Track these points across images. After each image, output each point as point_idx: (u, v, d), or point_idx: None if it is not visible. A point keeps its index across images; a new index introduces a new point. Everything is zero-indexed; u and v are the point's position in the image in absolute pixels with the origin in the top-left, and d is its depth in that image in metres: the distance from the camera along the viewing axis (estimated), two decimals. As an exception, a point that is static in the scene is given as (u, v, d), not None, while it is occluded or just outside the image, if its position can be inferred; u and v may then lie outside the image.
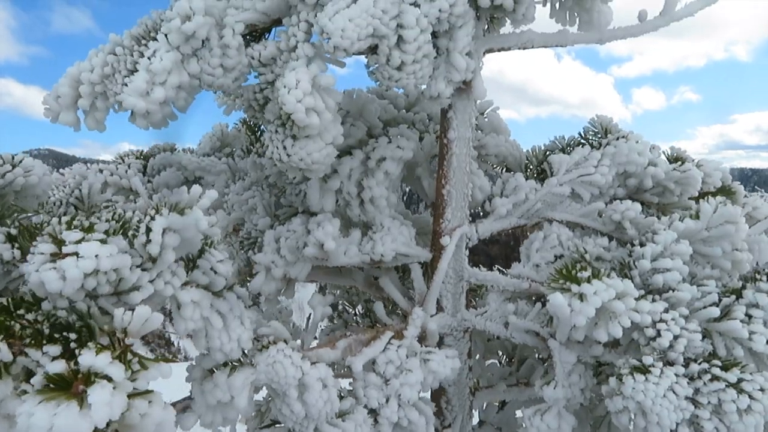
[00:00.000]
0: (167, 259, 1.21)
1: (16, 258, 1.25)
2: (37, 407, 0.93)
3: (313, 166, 1.65)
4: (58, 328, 1.10)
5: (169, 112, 1.67)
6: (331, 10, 1.51)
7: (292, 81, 1.54)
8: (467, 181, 1.89)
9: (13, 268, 1.27)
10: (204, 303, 1.33)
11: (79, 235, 1.08)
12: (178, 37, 1.56)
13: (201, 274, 1.36)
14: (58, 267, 1.05)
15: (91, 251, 1.06)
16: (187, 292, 1.29)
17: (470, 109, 1.84)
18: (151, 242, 1.17)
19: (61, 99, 1.64)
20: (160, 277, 1.23)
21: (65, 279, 1.05)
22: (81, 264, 1.05)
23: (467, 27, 1.69)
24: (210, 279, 1.37)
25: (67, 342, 1.08)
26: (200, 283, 1.36)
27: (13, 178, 1.48)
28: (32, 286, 1.07)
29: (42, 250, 1.06)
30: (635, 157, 1.99)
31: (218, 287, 1.38)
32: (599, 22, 1.89)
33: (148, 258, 1.20)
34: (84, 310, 1.11)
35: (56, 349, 1.06)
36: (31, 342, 1.07)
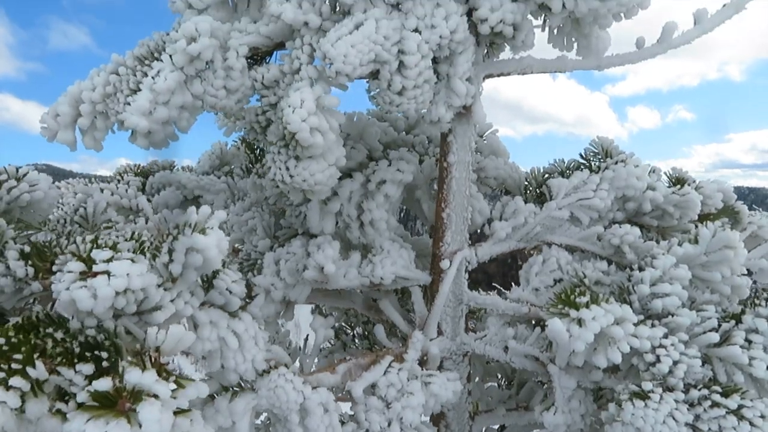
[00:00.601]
0: (189, 279, 1.21)
1: (29, 276, 1.25)
2: (86, 425, 0.93)
3: (316, 187, 1.66)
4: (87, 346, 1.10)
5: (171, 132, 1.68)
6: (334, 36, 1.53)
7: (297, 101, 1.55)
8: (467, 204, 1.90)
9: (25, 285, 1.27)
10: (221, 323, 1.33)
11: (109, 253, 1.09)
12: (183, 58, 1.57)
13: (217, 294, 1.36)
14: (89, 285, 1.05)
15: (123, 270, 1.07)
16: (206, 312, 1.30)
17: (470, 133, 1.85)
18: (173, 262, 1.18)
19: (60, 118, 1.64)
20: (180, 297, 1.24)
21: (96, 298, 1.05)
22: (113, 282, 1.06)
23: (467, 53, 1.71)
24: (226, 299, 1.37)
25: (99, 361, 1.07)
26: (216, 303, 1.36)
27: (18, 194, 1.48)
28: (61, 304, 1.07)
29: (71, 269, 1.06)
30: (634, 182, 2.01)
31: (233, 307, 1.39)
32: (597, 47, 1.91)
33: (169, 278, 1.20)
34: (111, 329, 1.12)
35: (89, 368, 1.05)
36: (62, 361, 1.06)
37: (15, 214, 1.47)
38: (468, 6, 1.73)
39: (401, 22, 1.62)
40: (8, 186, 1.45)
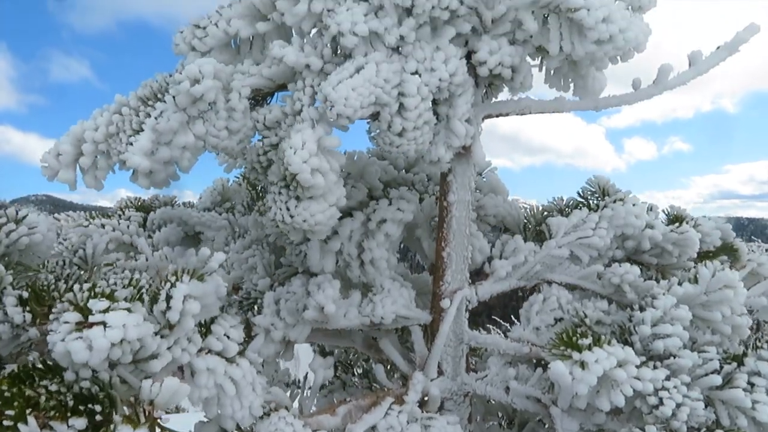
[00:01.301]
0: (186, 326, 1.21)
1: (27, 321, 1.25)
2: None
3: (317, 227, 1.66)
4: (81, 399, 1.09)
5: (173, 171, 1.69)
6: (335, 79, 1.56)
7: (298, 142, 1.56)
8: (467, 243, 1.91)
9: (22, 332, 1.27)
10: (218, 370, 1.32)
11: (106, 304, 1.08)
12: (186, 99, 1.59)
13: (215, 340, 1.35)
14: (84, 337, 1.04)
15: (119, 321, 1.07)
16: (203, 360, 1.28)
17: (469, 173, 1.87)
18: (171, 309, 1.17)
19: (62, 157, 1.66)
20: (177, 344, 1.23)
21: (92, 349, 1.04)
22: (109, 334, 1.05)
23: (466, 95, 1.74)
24: (224, 345, 1.36)
25: (92, 414, 1.06)
26: (214, 349, 1.35)
27: (17, 237, 1.48)
28: (57, 355, 1.06)
29: (67, 319, 1.06)
30: (632, 220, 2.02)
31: (231, 353, 1.37)
32: (594, 88, 1.94)
33: (166, 325, 1.20)
34: (106, 380, 1.11)
35: (82, 422, 1.04)
36: (55, 414, 1.05)
37: (14, 256, 1.47)
38: (467, 49, 1.77)
39: (401, 65, 1.65)
40: (7, 229, 1.45)
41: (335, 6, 1.65)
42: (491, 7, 1.70)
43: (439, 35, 1.70)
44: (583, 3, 1.58)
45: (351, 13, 1.62)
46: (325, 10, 1.64)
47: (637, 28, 1.59)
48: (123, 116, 1.64)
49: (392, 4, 1.61)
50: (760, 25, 1.84)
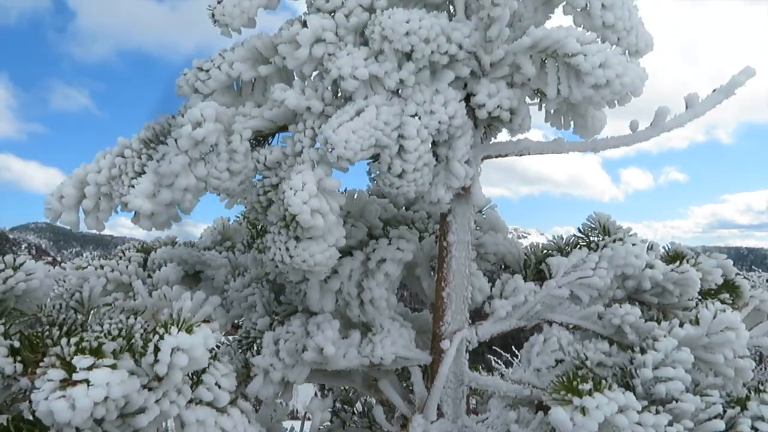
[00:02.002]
0: (174, 378, 1.20)
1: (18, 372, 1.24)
2: None
3: (316, 267, 1.66)
4: None
5: (174, 213, 1.70)
6: (336, 122, 1.58)
7: (299, 183, 1.57)
8: (467, 283, 1.91)
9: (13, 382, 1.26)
10: (209, 421, 1.30)
11: (90, 361, 1.08)
12: (188, 142, 1.61)
13: (205, 390, 1.34)
14: (68, 396, 1.04)
15: (102, 379, 1.06)
16: (192, 411, 1.27)
17: (469, 213, 1.88)
18: (159, 362, 1.17)
19: (65, 199, 1.67)
20: (165, 397, 1.22)
21: (75, 408, 1.03)
22: (92, 393, 1.04)
23: (466, 137, 1.76)
24: (214, 395, 1.35)
25: None
26: (204, 399, 1.33)
27: (14, 283, 1.48)
28: (40, 414, 1.05)
29: (51, 377, 1.05)
30: (632, 260, 2.01)
31: (222, 403, 1.36)
32: (593, 126, 1.96)
33: (154, 377, 1.19)
34: None
35: None
36: None
37: (10, 303, 1.47)
38: (466, 91, 1.79)
39: (401, 107, 1.67)
40: (4, 276, 1.46)
41: (336, 50, 1.68)
42: (490, 52, 1.73)
43: (439, 79, 1.73)
44: (580, 48, 1.60)
45: (351, 58, 1.64)
46: (326, 55, 1.67)
47: (633, 73, 1.61)
48: (125, 159, 1.65)
49: (392, 49, 1.63)
50: (756, 69, 1.86)
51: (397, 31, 1.60)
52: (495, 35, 1.68)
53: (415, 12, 1.65)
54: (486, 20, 1.67)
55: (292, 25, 1.72)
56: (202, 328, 1.23)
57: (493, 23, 1.67)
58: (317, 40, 1.67)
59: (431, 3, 1.80)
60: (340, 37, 1.69)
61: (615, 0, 1.73)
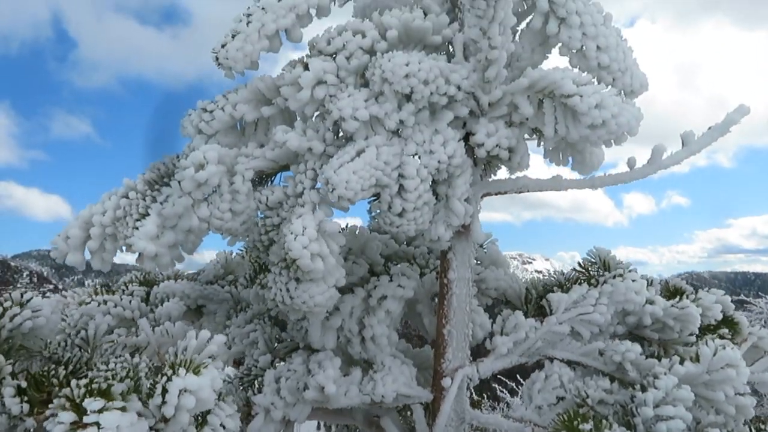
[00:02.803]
0: (181, 420, 1.21)
1: (24, 412, 1.24)
2: None
3: (315, 309, 1.68)
4: None
5: (177, 254, 1.72)
6: (336, 162, 1.60)
7: (299, 228, 1.59)
8: (468, 321, 1.91)
9: (19, 422, 1.26)
10: (213, 461, 1.31)
11: (100, 403, 1.09)
12: (191, 184, 1.63)
13: (210, 431, 1.35)
14: None
15: (113, 422, 1.07)
16: (197, 452, 1.28)
17: (469, 250, 1.89)
18: (166, 404, 1.18)
19: (71, 240, 1.69)
20: (172, 437, 1.22)
21: None
22: None
23: (465, 175, 1.78)
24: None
25: None
26: (210, 440, 1.34)
27: (21, 321, 1.50)
28: None
29: (62, 419, 1.06)
30: (633, 296, 2.02)
31: (227, 443, 1.36)
32: (591, 162, 1.98)
33: (161, 419, 1.20)
34: None
35: None
36: None
37: (17, 340, 1.48)
38: (465, 130, 1.82)
39: (401, 147, 1.70)
40: (11, 314, 1.47)
41: (337, 92, 1.71)
42: (488, 92, 1.77)
43: (438, 119, 1.76)
44: (576, 89, 1.64)
45: (352, 99, 1.68)
46: (327, 96, 1.71)
47: (629, 113, 1.64)
48: (130, 200, 1.68)
49: (392, 91, 1.67)
50: (750, 106, 1.89)
51: (396, 73, 1.64)
52: (493, 76, 1.72)
53: (415, 54, 1.69)
54: (484, 62, 1.70)
55: (294, 68, 1.76)
56: (209, 370, 1.24)
57: (491, 65, 1.70)
58: (319, 82, 1.70)
59: (431, 44, 1.84)
60: (341, 79, 1.73)
61: (610, 42, 1.76)
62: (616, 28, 1.81)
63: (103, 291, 2.49)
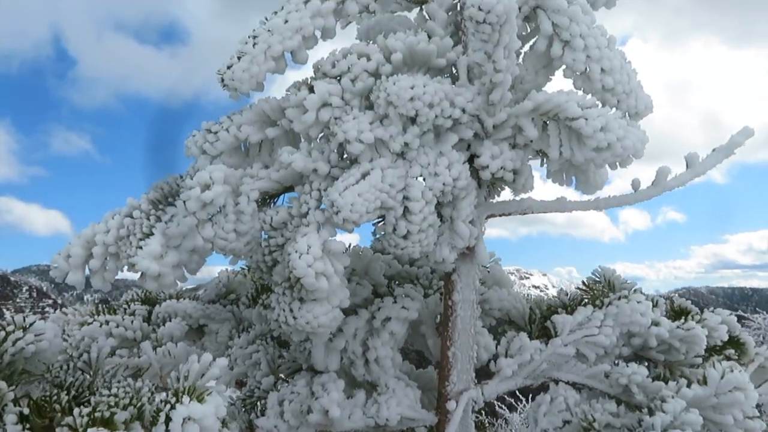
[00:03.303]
0: (185, 448, 1.19)
1: (27, 439, 1.23)
2: None
3: (319, 329, 1.67)
4: None
5: (181, 274, 1.72)
6: (341, 185, 1.60)
7: (304, 246, 1.59)
8: (472, 343, 1.90)
9: (21, 450, 1.25)
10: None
11: None
12: (196, 204, 1.63)
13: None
14: None
15: None
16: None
17: (474, 272, 1.89)
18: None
19: (72, 259, 1.69)
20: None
21: None
22: None
23: (470, 197, 1.78)
24: (224, 464, 1.34)
25: None
26: (212, 468, 1.32)
27: (24, 345, 1.49)
28: None
29: None
30: (638, 318, 2.01)
31: (230, 471, 1.35)
32: (595, 182, 1.98)
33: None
34: None
35: None
36: None
37: (19, 364, 1.47)
38: (470, 152, 1.82)
39: (406, 170, 1.70)
40: (14, 338, 1.46)
41: (342, 114, 1.71)
42: (492, 115, 1.77)
43: (443, 141, 1.76)
44: (581, 112, 1.64)
45: (357, 122, 1.68)
46: (332, 119, 1.71)
47: (634, 136, 1.64)
48: (134, 219, 1.67)
49: (397, 114, 1.67)
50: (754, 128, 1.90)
51: (401, 96, 1.64)
52: (497, 99, 1.72)
53: (420, 77, 1.70)
54: (488, 85, 1.71)
55: (299, 90, 1.76)
56: (213, 397, 1.23)
57: (496, 88, 1.70)
58: (324, 104, 1.71)
59: (435, 67, 1.85)
60: (346, 101, 1.73)
61: (614, 64, 1.77)
62: (620, 51, 1.81)
63: (105, 310, 2.48)
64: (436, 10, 1.91)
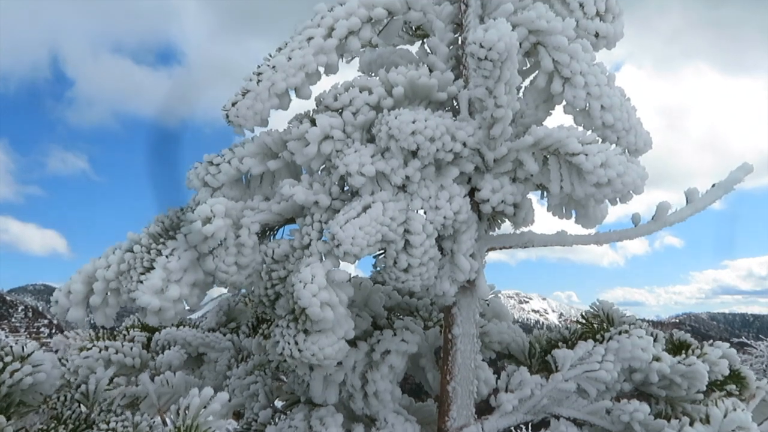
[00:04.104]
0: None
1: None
2: None
3: (325, 361, 1.65)
4: None
5: (182, 309, 1.71)
6: (343, 218, 1.61)
7: (308, 276, 1.59)
8: (472, 377, 1.89)
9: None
10: None
11: None
12: (197, 238, 1.64)
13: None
14: None
15: None
16: None
17: (474, 306, 1.88)
18: None
19: (73, 295, 1.68)
20: None
21: None
22: None
23: (470, 231, 1.79)
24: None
25: None
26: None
27: (21, 377, 1.48)
28: None
29: None
30: (639, 353, 2.00)
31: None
32: (595, 216, 1.98)
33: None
34: None
35: None
36: None
37: (16, 396, 1.46)
38: (470, 185, 1.83)
39: (407, 203, 1.71)
40: (12, 369, 1.45)
41: (344, 147, 1.73)
42: (493, 149, 1.78)
43: (444, 175, 1.77)
44: (581, 148, 1.65)
45: (359, 155, 1.69)
46: (333, 151, 1.72)
47: (634, 172, 1.65)
48: (135, 254, 1.67)
49: (398, 147, 1.68)
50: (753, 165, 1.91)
51: (403, 130, 1.66)
52: (498, 134, 1.73)
53: (421, 112, 1.71)
54: (489, 120, 1.72)
55: (301, 122, 1.78)
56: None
57: (497, 123, 1.72)
58: (326, 137, 1.72)
59: (436, 101, 1.86)
60: (347, 134, 1.74)
61: (614, 101, 1.78)
62: (620, 88, 1.83)
63: (104, 336, 2.47)
64: (438, 44, 1.93)
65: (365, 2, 1.84)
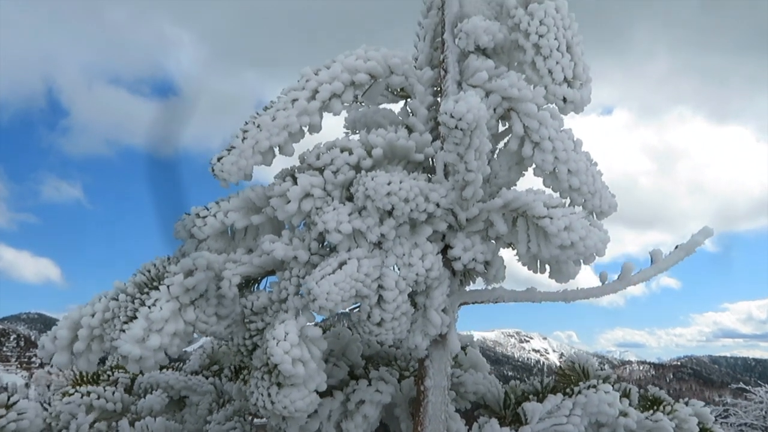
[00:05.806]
0: None
1: None
2: None
3: (296, 414, 1.72)
4: None
5: (162, 357, 1.77)
6: (319, 274, 1.68)
7: (281, 333, 1.66)
8: (443, 429, 1.94)
9: None
10: None
11: None
12: (179, 289, 1.71)
13: None
14: None
15: None
16: None
17: (446, 359, 1.95)
18: None
19: (58, 341, 1.75)
20: None
21: None
22: None
23: (443, 287, 1.86)
24: None
25: None
26: None
27: (5, 423, 1.54)
28: None
29: None
30: (606, 408, 2.06)
31: None
32: (568, 272, 2.06)
33: None
34: None
35: None
36: None
37: (0, 444, 1.52)
38: (444, 243, 1.92)
39: (382, 259, 1.79)
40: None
41: (323, 205, 1.81)
42: (465, 209, 1.87)
43: (418, 233, 1.85)
44: (546, 212, 1.74)
45: (337, 213, 1.78)
46: (313, 209, 1.81)
47: (596, 236, 1.74)
48: (119, 302, 1.74)
49: (374, 207, 1.77)
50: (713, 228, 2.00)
51: (378, 191, 1.75)
52: (470, 196, 1.83)
53: (397, 174, 1.81)
54: (461, 182, 1.82)
55: (284, 180, 1.87)
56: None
57: (468, 185, 1.81)
58: (306, 195, 1.81)
59: (413, 161, 1.96)
60: (327, 192, 1.84)
61: (580, 166, 1.88)
62: (586, 153, 1.93)
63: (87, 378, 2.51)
64: (418, 107, 2.04)
65: (349, 67, 1.95)
